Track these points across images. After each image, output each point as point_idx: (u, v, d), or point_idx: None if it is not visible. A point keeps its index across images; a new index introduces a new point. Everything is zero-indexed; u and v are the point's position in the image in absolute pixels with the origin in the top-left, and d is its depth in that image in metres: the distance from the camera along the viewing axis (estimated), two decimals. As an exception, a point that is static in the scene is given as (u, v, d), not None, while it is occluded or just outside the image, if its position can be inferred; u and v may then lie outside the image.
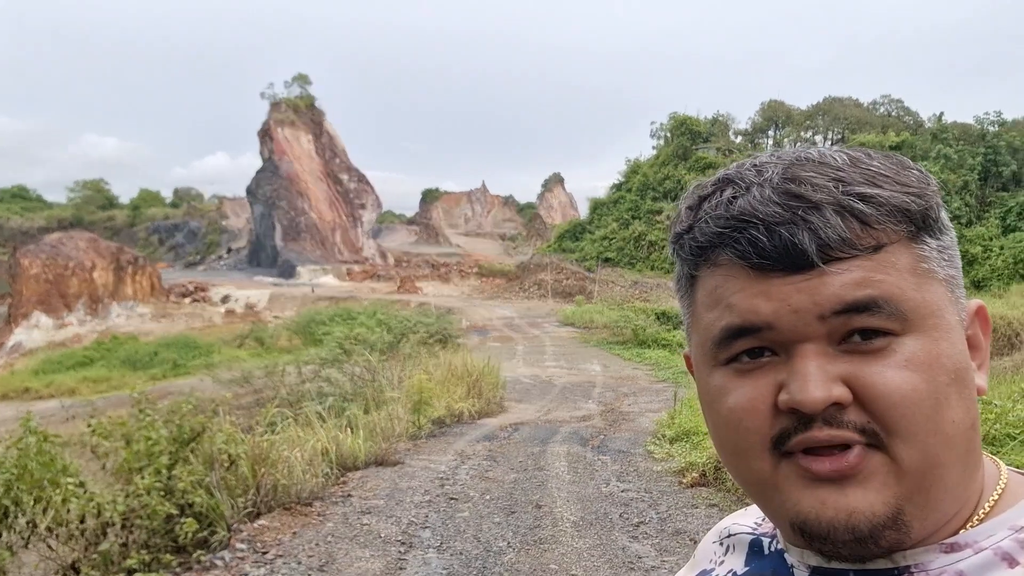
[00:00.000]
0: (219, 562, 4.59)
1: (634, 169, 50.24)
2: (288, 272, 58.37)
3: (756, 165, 0.57)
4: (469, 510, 5.84)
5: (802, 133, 51.27)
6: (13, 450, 4.56)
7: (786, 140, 50.70)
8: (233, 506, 5.13)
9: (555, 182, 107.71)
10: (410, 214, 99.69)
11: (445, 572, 4.59)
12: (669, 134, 50.18)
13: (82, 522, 4.48)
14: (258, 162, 65.58)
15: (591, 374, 16.61)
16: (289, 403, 9.48)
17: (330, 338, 15.66)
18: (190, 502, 4.90)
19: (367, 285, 54.35)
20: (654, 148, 51.94)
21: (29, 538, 4.34)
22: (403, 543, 5.05)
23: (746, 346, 0.55)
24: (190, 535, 4.64)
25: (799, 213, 0.52)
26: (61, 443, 4.90)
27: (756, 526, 0.71)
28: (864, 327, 0.52)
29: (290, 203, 63.01)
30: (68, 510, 4.40)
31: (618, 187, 50.23)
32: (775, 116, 53.03)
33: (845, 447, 0.52)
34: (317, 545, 4.95)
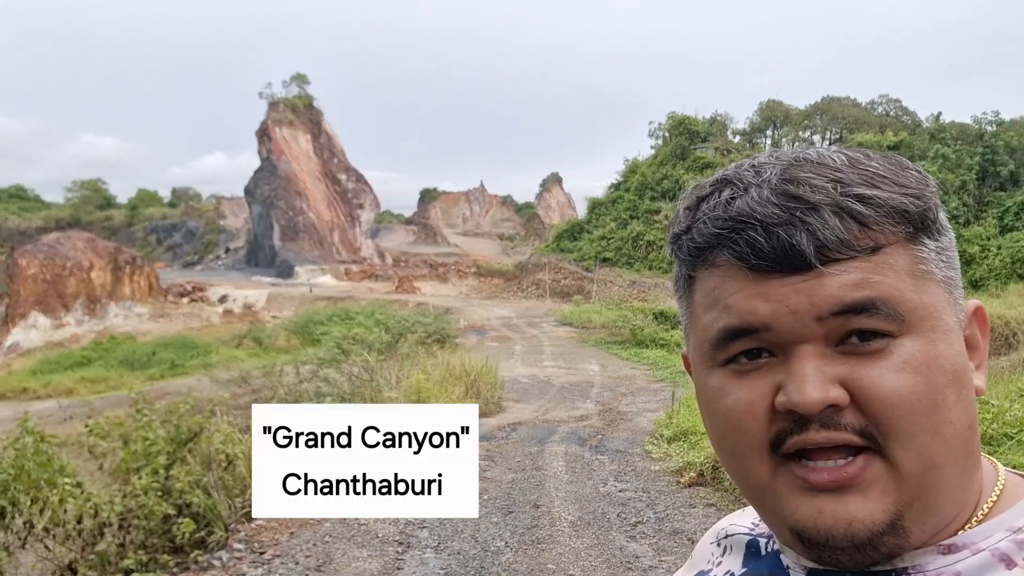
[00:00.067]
0: (216, 562, 4.59)
1: (632, 169, 50.24)
2: (286, 272, 58.37)
3: (754, 166, 0.57)
4: (467, 510, 5.84)
5: (800, 133, 51.31)
6: (10, 450, 4.54)
7: (784, 140, 50.71)
8: (231, 506, 5.13)
9: (553, 182, 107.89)
10: (408, 214, 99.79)
11: (443, 572, 4.59)
12: (667, 134, 50.17)
13: (79, 522, 4.47)
14: (256, 162, 65.67)
15: (589, 374, 16.61)
16: (287, 403, 9.47)
17: (328, 338, 15.68)
18: (187, 502, 4.89)
19: (365, 285, 54.36)
20: (652, 148, 51.95)
21: (26, 538, 4.33)
22: (400, 543, 5.05)
23: (744, 347, 0.55)
24: (187, 535, 4.64)
25: (797, 214, 0.52)
26: (58, 443, 4.88)
27: (753, 526, 0.70)
28: (862, 328, 0.52)
29: (288, 203, 62.99)
30: (65, 510, 4.40)
31: (616, 187, 50.23)
32: (773, 116, 53.04)
33: (842, 449, 0.52)
34: (315, 545, 4.95)
